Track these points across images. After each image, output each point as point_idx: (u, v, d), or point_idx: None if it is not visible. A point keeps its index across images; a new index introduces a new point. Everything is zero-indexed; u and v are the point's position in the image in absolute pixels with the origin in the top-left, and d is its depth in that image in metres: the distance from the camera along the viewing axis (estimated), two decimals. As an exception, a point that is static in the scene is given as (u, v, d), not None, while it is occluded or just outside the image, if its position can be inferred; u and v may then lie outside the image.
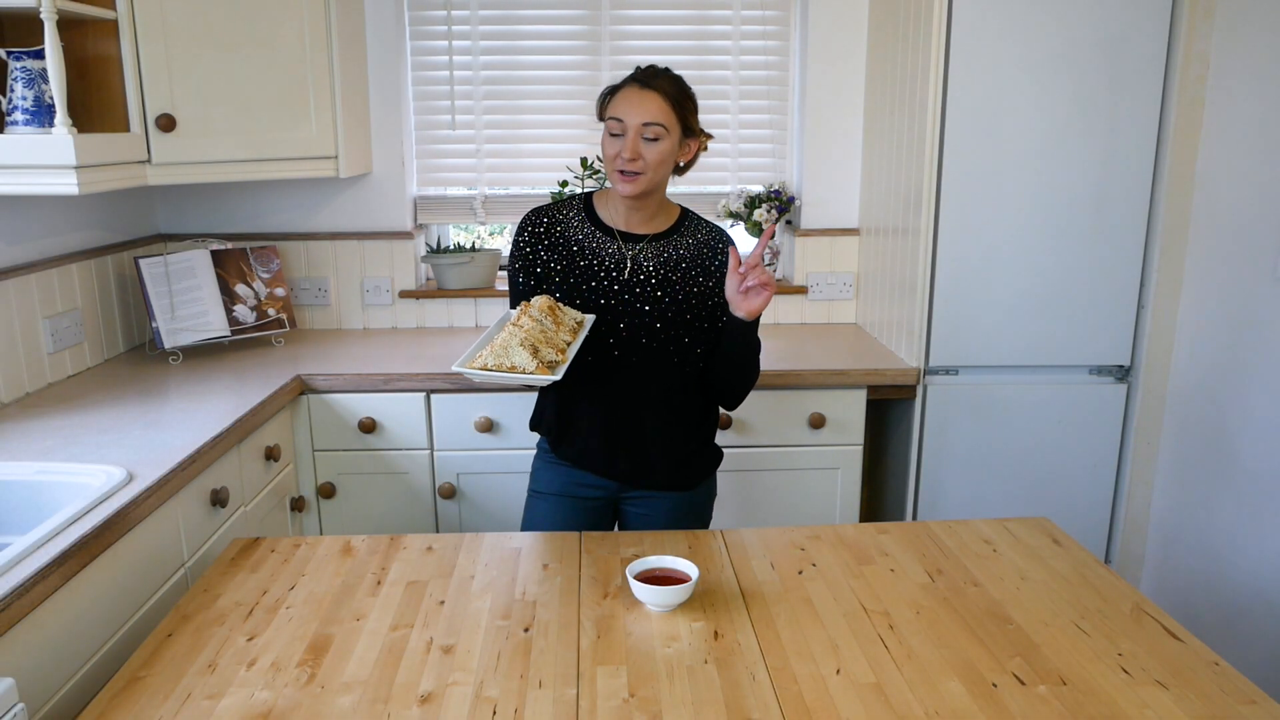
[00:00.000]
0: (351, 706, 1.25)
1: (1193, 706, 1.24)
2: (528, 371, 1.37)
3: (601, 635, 1.42)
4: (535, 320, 1.61)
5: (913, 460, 2.69)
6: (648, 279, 1.85)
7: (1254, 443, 2.32)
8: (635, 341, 1.84)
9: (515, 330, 1.51)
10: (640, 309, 1.84)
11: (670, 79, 1.80)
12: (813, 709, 1.23)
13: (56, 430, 2.05)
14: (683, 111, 1.80)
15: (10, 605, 1.32)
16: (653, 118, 1.75)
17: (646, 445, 1.89)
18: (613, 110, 1.78)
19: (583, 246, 1.87)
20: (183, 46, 2.40)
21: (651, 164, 1.77)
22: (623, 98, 1.78)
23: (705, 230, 1.93)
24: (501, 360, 1.37)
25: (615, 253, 1.86)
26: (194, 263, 2.76)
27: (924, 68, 2.51)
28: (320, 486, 2.59)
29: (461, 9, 3.01)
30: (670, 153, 1.79)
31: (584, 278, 1.85)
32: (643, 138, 1.76)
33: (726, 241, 1.91)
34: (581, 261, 1.85)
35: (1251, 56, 2.32)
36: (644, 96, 1.76)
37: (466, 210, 3.20)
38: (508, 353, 1.38)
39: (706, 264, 1.88)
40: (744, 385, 1.94)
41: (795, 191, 3.15)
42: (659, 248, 1.87)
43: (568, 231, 1.88)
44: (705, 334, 1.88)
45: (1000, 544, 1.72)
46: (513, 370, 1.37)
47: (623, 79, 1.82)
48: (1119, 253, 2.58)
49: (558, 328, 1.64)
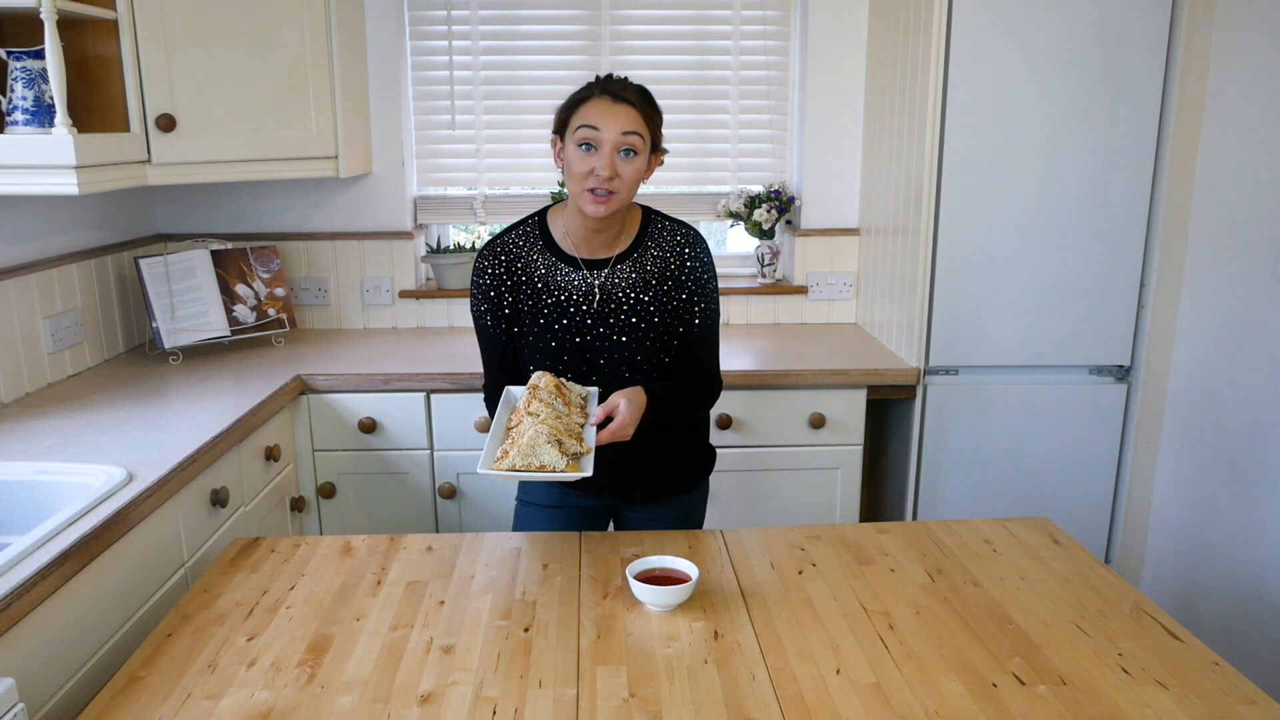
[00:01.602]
0: (351, 706, 1.25)
1: (1193, 706, 1.24)
2: (557, 470, 1.38)
3: (601, 635, 1.41)
4: (547, 404, 1.56)
5: (912, 460, 2.69)
6: (619, 307, 1.75)
7: (1254, 442, 2.32)
8: (617, 375, 1.77)
9: (536, 424, 1.47)
10: (618, 340, 1.75)
11: (638, 90, 1.68)
12: (813, 709, 1.23)
13: (56, 430, 2.05)
14: (652, 125, 1.68)
15: (10, 605, 1.32)
16: (631, 127, 1.63)
17: (641, 464, 1.82)
18: (584, 119, 1.64)
19: (547, 282, 1.75)
20: (183, 46, 2.40)
21: (627, 182, 1.65)
22: (594, 108, 1.64)
23: (671, 236, 1.80)
24: (530, 460, 1.39)
25: (581, 284, 1.75)
26: (194, 263, 2.76)
27: (924, 68, 2.51)
28: (320, 486, 2.59)
29: (461, 9, 3.01)
30: (643, 169, 1.68)
31: (554, 316, 1.75)
32: (619, 152, 1.63)
33: (694, 243, 1.80)
34: (549, 299, 1.75)
35: (1251, 56, 2.32)
36: (617, 108, 1.63)
37: (466, 210, 3.20)
38: (535, 451, 1.39)
39: (677, 275, 1.78)
40: (701, 410, 1.88)
41: (795, 191, 3.15)
42: (626, 269, 1.76)
43: (529, 267, 1.76)
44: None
45: (1000, 544, 1.72)
46: (541, 469, 1.38)
47: (584, 89, 1.68)
48: (1119, 253, 2.58)
49: (569, 409, 1.59)
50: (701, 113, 3.12)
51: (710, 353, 1.84)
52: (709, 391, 1.86)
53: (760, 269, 3.16)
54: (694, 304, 1.80)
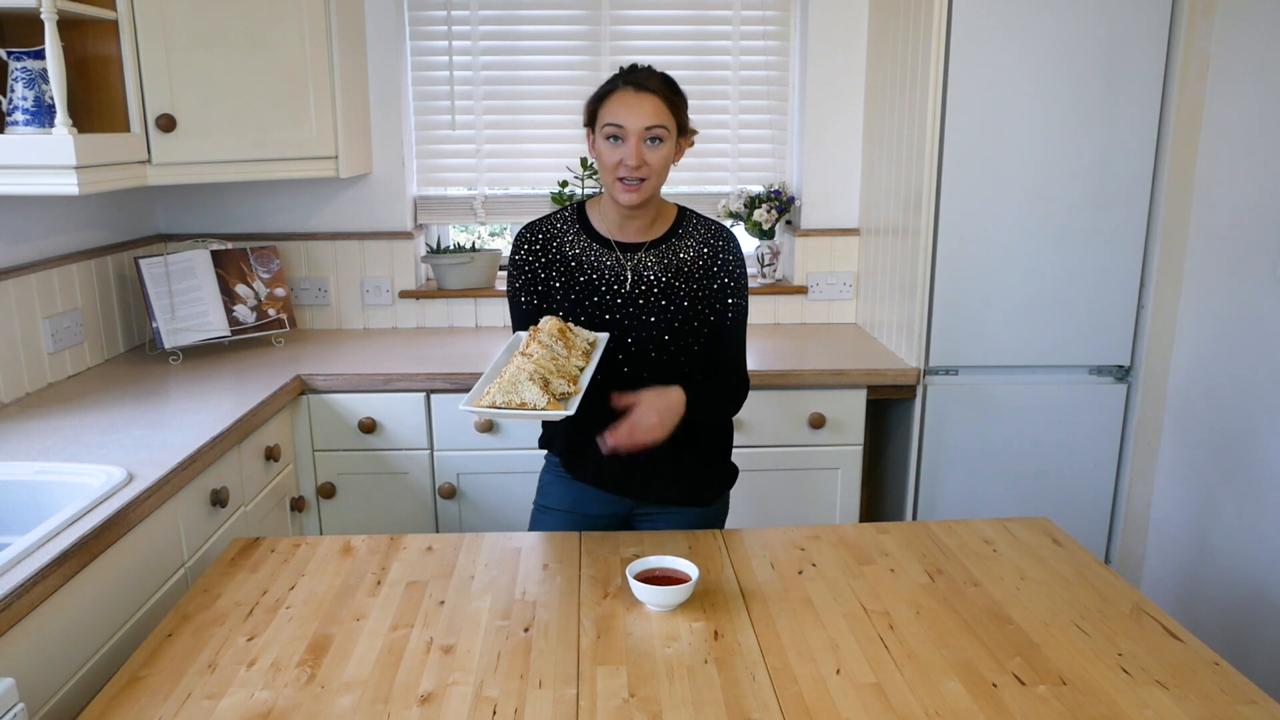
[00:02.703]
0: (351, 706, 1.25)
1: (1193, 706, 1.24)
2: (538, 408, 1.34)
3: (601, 635, 1.42)
4: (545, 346, 1.55)
5: (912, 460, 2.69)
6: (650, 289, 1.79)
7: (1254, 442, 2.32)
8: (644, 356, 1.79)
9: (524, 362, 1.45)
10: (646, 321, 1.79)
11: (661, 78, 1.73)
12: (813, 709, 1.23)
13: (56, 430, 2.05)
14: (677, 111, 1.74)
15: (10, 605, 1.32)
16: (655, 120, 1.69)
17: (662, 460, 1.79)
18: (609, 116, 1.70)
19: (580, 261, 1.81)
20: (183, 46, 2.40)
21: (656, 169, 1.71)
22: (618, 102, 1.70)
23: (705, 229, 1.87)
24: (510, 397, 1.34)
25: (614, 265, 1.80)
26: (194, 263, 2.76)
27: (924, 68, 2.51)
28: (320, 486, 2.59)
29: (461, 9, 3.01)
30: (671, 155, 1.74)
31: (585, 293, 1.79)
32: (645, 142, 1.69)
33: (728, 239, 1.86)
34: (581, 277, 1.80)
35: (1251, 57, 2.32)
36: (641, 99, 1.69)
37: (466, 210, 3.20)
38: (516, 388, 1.35)
39: (709, 265, 1.83)
40: (733, 409, 1.89)
41: (795, 191, 3.15)
42: (659, 254, 1.81)
43: (564, 246, 1.82)
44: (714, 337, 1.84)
45: (1000, 544, 1.72)
46: (522, 407, 1.34)
47: (609, 81, 1.74)
48: (1119, 253, 2.58)
49: (569, 351, 1.59)
50: (702, 113, 3.11)
51: (740, 349, 1.88)
52: (740, 389, 1.88)
53: (760, 269, 3.16)
54: (726, 295, 1.83)
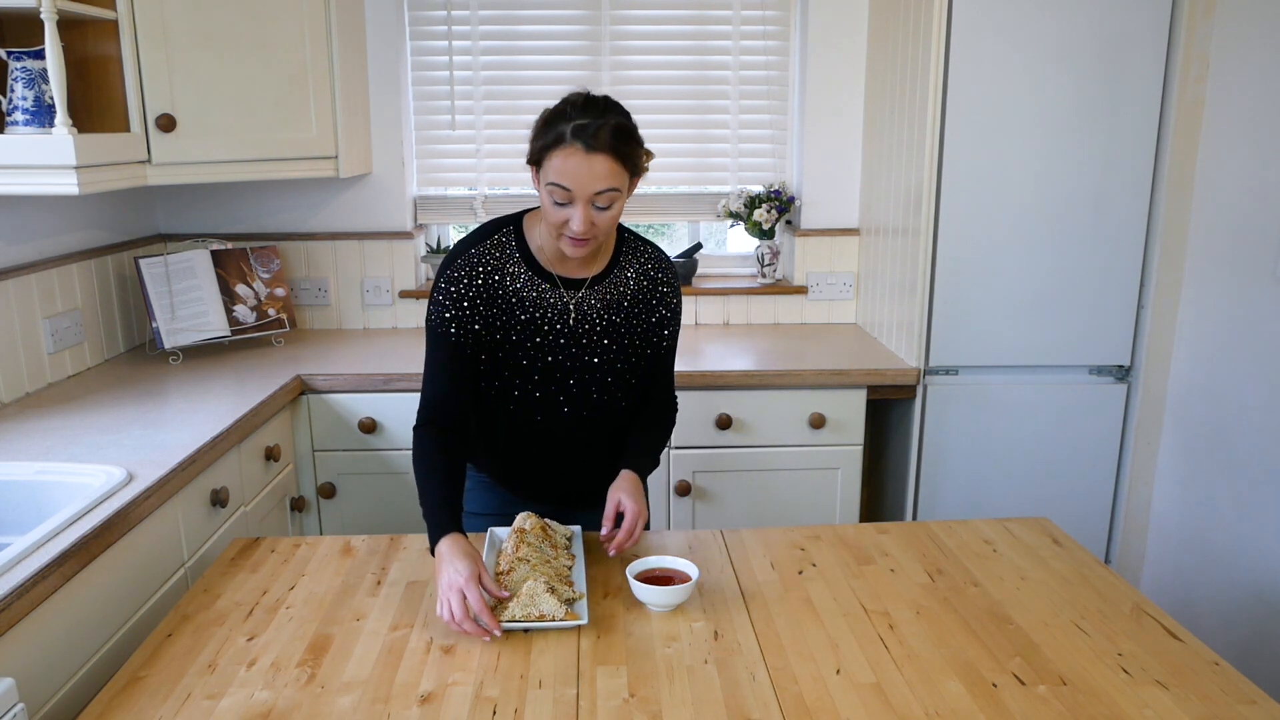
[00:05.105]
0: (351, 706, 1.25)
1: (1193, 706, 1.24)
2: (557, 619, 1.43)
3: (601, 635, 1.42)
4: (535, 548, 1.57)
5: (913, 460, 2.69)
6: (592, 328, 1.71)
7: (1254, 442, 2.32)
8: (586, 396, 1.73)
9: (529, 571, 1.50)
10: (590, 362, 1.72)
11: (613, 131, 1.52)
12: (813, 709, 1.23)
13: (56, 430, 2.05)
14: (630, 162, 1.56)
15: (10, 605, 1.32)
16: (606, 184, 1.52)
17: (596, 479, 1.76)
18: (555, 174, 1.52)
19: (522, 298, 1.68)
20: (183, 46, 2.40)
21: (604, 230, 1.58)
22: (567, 162, 1.51)
23: (643, 256, 1.76)
24: (530, 610, 1.43)
25: (556, 303, 1.69)
26: (194, 263, 2.76)
27: (924, 68, 2.51)
28: (320, 487, 2.59)
29: (461, 9, 3.01)
30: (622, 208, 1.59)
31: (527, 333, 1.69)
32: (594, 207, 1.54)
33: (666, 266, 1.78)
34: (523, 315, 1.68)
35: (1251, 57, 2.32)
36: (591, 163, 1.50)
37: (466, 210, 3.20)
38: (534, 601, 1.43)
39: (649, 298, 1.75)
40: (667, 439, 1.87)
41: (795, 191, 3.15)
42: (602, 290, 1.72)
43: (505, 279, 1.67)
44: (648, 368, 1.81)
45: (1000, 544, 1.72)
46: (541, 619, 1.43)
47: (557, 121, 1.54)
48: (1119, 253, 2.58)
49: (555, 551, 1.61)
50: (701, 113, 3.12)
51: (671, 373, 1.85)
52: (672, 418, 1.86)
53: (760, 269, 3.16)
54: (663, 327, 1.78)
